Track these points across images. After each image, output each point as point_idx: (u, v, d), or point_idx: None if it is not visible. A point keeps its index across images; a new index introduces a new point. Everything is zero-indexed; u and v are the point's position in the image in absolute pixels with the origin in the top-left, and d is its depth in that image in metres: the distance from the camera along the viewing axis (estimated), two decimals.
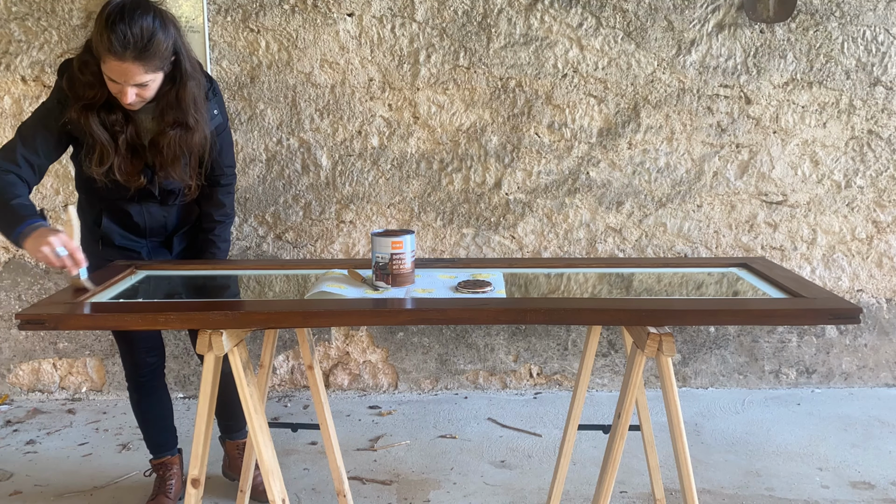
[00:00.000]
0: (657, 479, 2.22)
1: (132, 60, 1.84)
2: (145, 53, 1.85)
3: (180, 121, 2.01)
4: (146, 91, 1.94)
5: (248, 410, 1.74)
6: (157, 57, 1.88)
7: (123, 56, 1.83)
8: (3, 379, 3.33)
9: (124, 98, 1.91)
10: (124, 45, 1.82)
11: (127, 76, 1.87)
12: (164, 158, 2.05)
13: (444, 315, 1.71)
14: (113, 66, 1.85)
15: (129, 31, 1.81)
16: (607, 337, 3.38)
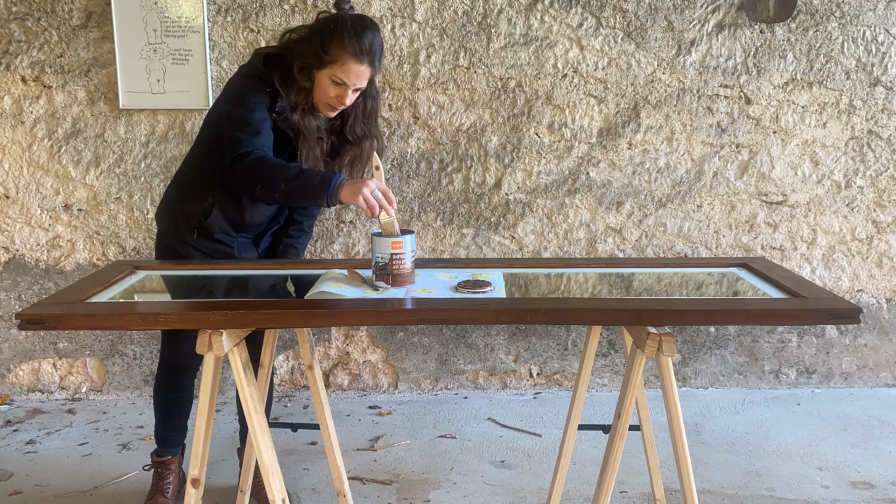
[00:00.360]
0: (657, 479, 2.23)
1: (368, 65, 2.06)
2: (378, 61, 2.09)
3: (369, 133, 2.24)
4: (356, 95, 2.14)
5: (248, 410, 1.74)
6: (380, 66, 2.12)
7: (363, 60, 2.04)
8: (3, 379, 3.34)
9: (345, 100, 2.10)
10: (369, 52, 2.04)
11: (361, 79, 2.07)
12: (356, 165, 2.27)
13: (444, 315, 1.71)
14: (352, 68, 2.04)
15: (374, 40, 2.05)
16: (607, 337, 3.38)
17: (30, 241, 3.22)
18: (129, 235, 3.22)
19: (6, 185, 3.18)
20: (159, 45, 3.05)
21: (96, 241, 3.22)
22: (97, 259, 3.25)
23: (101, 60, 3.09)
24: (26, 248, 3.23)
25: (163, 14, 3.02)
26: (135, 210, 3.20)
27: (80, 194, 3.19)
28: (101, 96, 3.11)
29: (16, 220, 3.21)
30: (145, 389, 3.35)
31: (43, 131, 3.14)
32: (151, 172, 3.18)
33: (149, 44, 3.04)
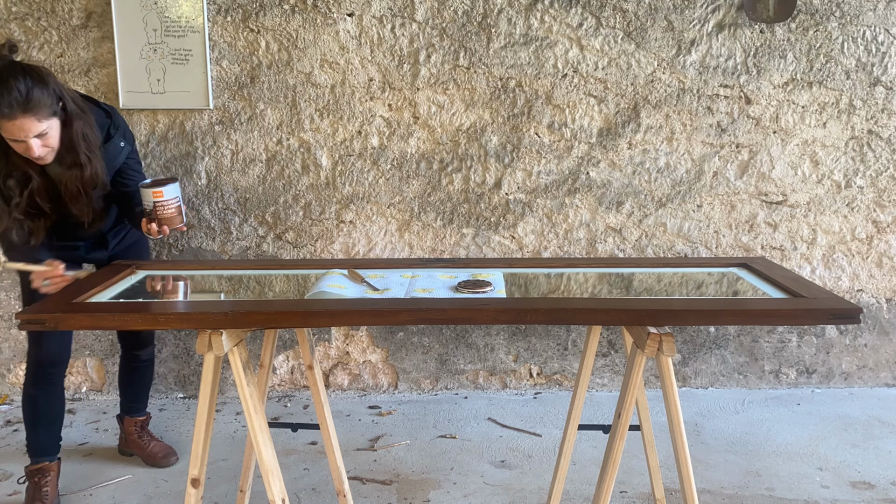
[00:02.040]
0: (657, 479, 2.23)
1: (23, 115, 1.99)
2: (30, 106, 1.99)
3: (75, 162, 2.15)
4: (50, 139, 2.08)
5: (248, 410, 1.74)
6: (43, 106, 2.02)
7: (15, 115, 1.98)
8: (3, 379, 3.33)
9: (32, 152, 2.06)
10: (10, 106, 1.97)
11: (24, 131, 2.01)
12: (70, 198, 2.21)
13: (444, 315, 1.72)
14: (9, 127, 2.00)
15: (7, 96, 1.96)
16: (607, 337, 3.38)
17: None
18: None
19: None
20: (159, 45, 3.05)
21: None
22: None
23: (101, 60, 3.09)
24: None
25: (163, 14, 3.02)
26: None
27: None
28: (101, 96, 3.11)
29: None
30: None
31: None
32: (151, 173, 3.17)
33: (149, 44, 3.04)
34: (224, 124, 3.14)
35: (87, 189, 2.20)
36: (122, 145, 2.32)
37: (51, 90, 2.04)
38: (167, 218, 2.13)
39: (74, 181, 2.16)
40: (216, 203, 3.20)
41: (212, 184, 3.19)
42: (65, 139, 2.12)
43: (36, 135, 2.03)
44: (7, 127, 2.01)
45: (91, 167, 2.17)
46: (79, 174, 2.16)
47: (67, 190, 2.18)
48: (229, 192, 3.19)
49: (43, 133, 2.04)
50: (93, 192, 2.23)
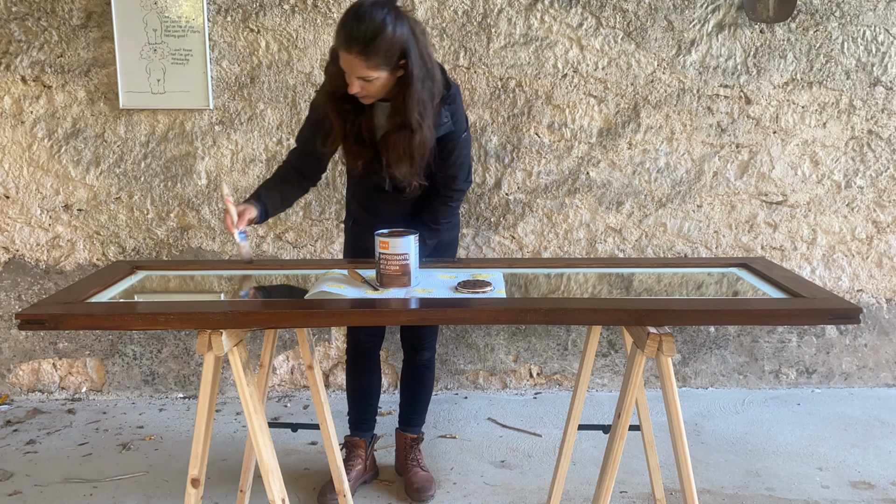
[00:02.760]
0: (657, 479, 2.23)
1: (356, 55, 1.94)
2: (368, 49, 1.93)
3: (405, 122, 2.06)
4: (370, 87, 2.02)
5: (248, 410, 1.74)
6: (379, 54, 1.95)
7: (350, 49, 1.94)
8: (3, 379, 3.33)
9: (351, 88, 2.02)
10: (349, 40, 1.93)
11: (351, 68, 1.98)
12: (390, 157, 2.12)
13: (444, 315, 1.72)
14: (343, 58, 1.98)
15: (356, 28, 1.92)
16: (607, 337, 3.38)
17: (30, 241, 3.22)
18: (129, 235, 3.22)
19: (6, 185, 3.18)
20: (159, 45, 3.05)
21: (96, 241, 3.22)
22: (97, 259, 3.25)
23: (101, 60, 3.09)
24: (26, 248, 3.23)
25: (163, 14, 3.02)
26: (135, 210, 3.20)
27: (80, 194, 3.19)
28: (101, 96, 3.11)
29: (16, 220, 3.21)
30: (145, 389, 3.35)
31: (43, 131, 3.14)
32: (151, 172, 3.18)
33: (149, 44, 3.04)
34: (224, 124, 3.14)
35: (415, 155, 2.10)
36: (444, 120, 2.16)
37: (398, 44, 1.96)
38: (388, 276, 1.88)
39: (403, 142, 2.08)
40: (216, 203, 3.20)
41: (212, 184, 3.19)
42: (401, 99, 2.04)
43: (360, 76, 1.98)
44: (342, 57, 1.99)
45: (422, 134, 2.07)
46: (409, 136, 2.07)
47: (395, 149, 2.10)
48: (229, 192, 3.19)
49: (367, 79, 1.99)
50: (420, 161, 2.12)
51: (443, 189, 2.28)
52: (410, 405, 2.62)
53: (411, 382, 2.59)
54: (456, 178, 2.27)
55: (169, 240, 3.23)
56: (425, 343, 2.53)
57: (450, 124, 2.17)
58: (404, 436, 2.62)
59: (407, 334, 2.56)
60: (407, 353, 2.58)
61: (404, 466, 2.60)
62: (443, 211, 2.31)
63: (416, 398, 2.61)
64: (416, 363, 2.56)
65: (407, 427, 2.62)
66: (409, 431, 2.62)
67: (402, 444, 2.62)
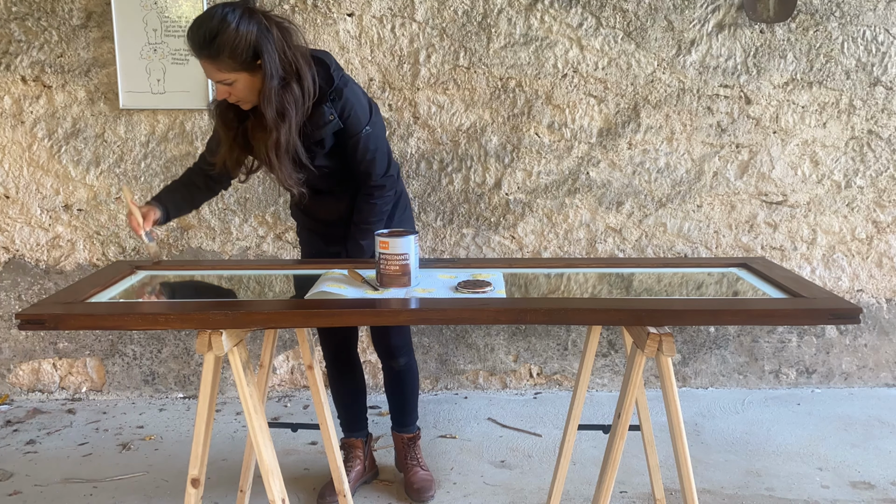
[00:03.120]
0: (657, 479, 2.23)
1: (204, 59, 1.95)
2: (210, 51, 1.92)
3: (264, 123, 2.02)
4: (235, 90, 1.99)
5: (248, 410, 1.74)
6: (223, 54, 1.92)
7: (199, 55, 1.95)
8: (3, 379, 3.33)
9: (218, 94, 2.02)
10: (193, 45, 1.94)
11: (207, 73, 1.99)
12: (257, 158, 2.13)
13: (444, 315, 1.71)
14: (200, 65, 1.99)
15: (196, 32, 1.93)
16: (607, 337, 3.38)
17: (30, 241, 3.22)
18: (129, 235, 3.22)
19: (6, 185, 3.18)
20: (159, 45, 3.05)
21: (96, 241, 3.22)
22: (97, 259, 3.25)
23: (101, 60, 3.09)
24: (26, 248, 3.23)
25: (163, 14, 3.02)
26: None
27: (80, 194, 3.19)
28: (101, 96, 3.11)
29: (16, 220, 3.21)
30: (145, 389, 3.35)
31: (43, 131, 3.14)
32: (151, 172, 3.18)
33: (149, 44, 3.04)
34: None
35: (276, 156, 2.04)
36: (329, 117, 2.09)
37: (246, 41, 1.91)
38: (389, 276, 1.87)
39: (260, 143, 2.04)
40: (216, 203, 3.20)
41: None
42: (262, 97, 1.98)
43: (217, 80, 1.96)
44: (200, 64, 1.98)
45: (278, 134, 2.00)
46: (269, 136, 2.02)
47: (258, 151, 2.08)
48: (229, 192, 3.19)
49: (225, 81, 1.96)
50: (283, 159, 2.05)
51: (363, 187, 2.24)
52: (398, 408, 2.61)
53: (394, 389, 2.58)
54: (370, 174, 2.20)
55: (169, 240, 3.23)
56: (397, 351, 2.50)
57: (337, 122, 2.10)
58: (400, 436, 2.62)
59: (380, 345, 2.52)
60: (383, 360, 2.56)
61: (404, 466, 2.60)
62: (368, 209, 2.25)
63: (401, 402, 2.60)
64: (393, 370, 2.54)
65: (400, 428, 2.62)
66: (403, 432, 2.62)
67: (400, 444, 2.62)
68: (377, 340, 2.52)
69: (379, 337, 2.50)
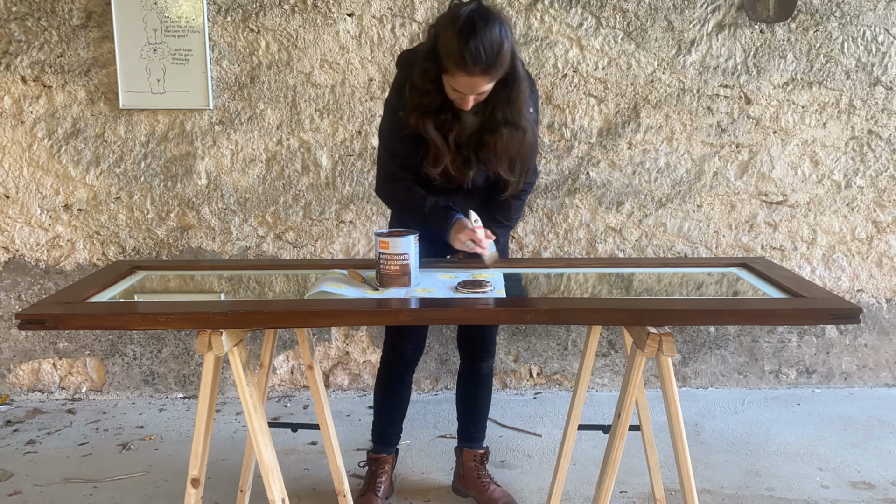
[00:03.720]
0: (657, 479, 2.22)
1: (480, 74, 1.85)
2: (492, 67, 1.85)
3: (511, 121, 1.99)
4: (483, 96, 1.95)
5: (248, 410, 1.74)
6: (501, 68, 1.88)
7: (473, 71, 1.83)
8: (3, 379, 3.33)
9: (465, 105, 1.95)
10: (475, 61, 1.82)
11: (473, 88, 1.89)
12: (494, 155, 2.04)
13: (444, 315, 1.71)
14: (461, 80, 1.87)
15: (481, 48, 1.81)
16: (607, 337, 3.38)
17: (30, 241, 3.22)
18: (129, 235, 3.22)
19: (6, 185, 3.18)
20: (159, 45, 3.05)
21: (96, 241, 3.22)
22: (97, 259, 3.25)
23: (101, 60, 3.09)
24: (26, 248, 3.23)
25: (163, 14, 3.02)
26: (135, 210, 3.20)
27: (80, 194, 3.19)
28: (101, 96, 3.11)
29: (16, 220, 3.21)
30: (145, 389, 3.35)
31: (43, 131, 3.14)
32: (151, 172, 3.18)
33: (149, 44, 3.04)
34: (224, 124, 3.14)
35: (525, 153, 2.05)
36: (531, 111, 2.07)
37: (511, 52, 1.88)
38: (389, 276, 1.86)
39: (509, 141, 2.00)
40: (216, 203, 3.20)
41: (212, 184, 3.19)
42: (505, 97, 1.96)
43: (478, 93, 1.91)
44: (461, 80, 1.87)
45: (530, 132, 2.01)
46: (514, 134, 1.99)
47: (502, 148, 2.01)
48: (229, 192, 3.19)
49: (484, 91, 1.91)
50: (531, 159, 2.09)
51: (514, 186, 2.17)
52: (472, 419, 2.45)
53: (473, 394, 2.43)
54: (528, 171, 2.18)
55: (169, 240, 3.23)
56: (489, 350, 2.38)
57: (535, 115, 2.11)
58: (472, 453, 2.46)
59: (468, 341, 2.39)
60: (466, 361, 2.41)
61: (477, 485, 2.43)
62: (516, 206, 2.25)
63: (478, 410, 2.45)
64: (477, 372, 2.40)
65: (472, 443, 2.47)
66: (475, 448, 2.47)
67: (471, 461, 2.45)
68: (468, 336, 2.39)
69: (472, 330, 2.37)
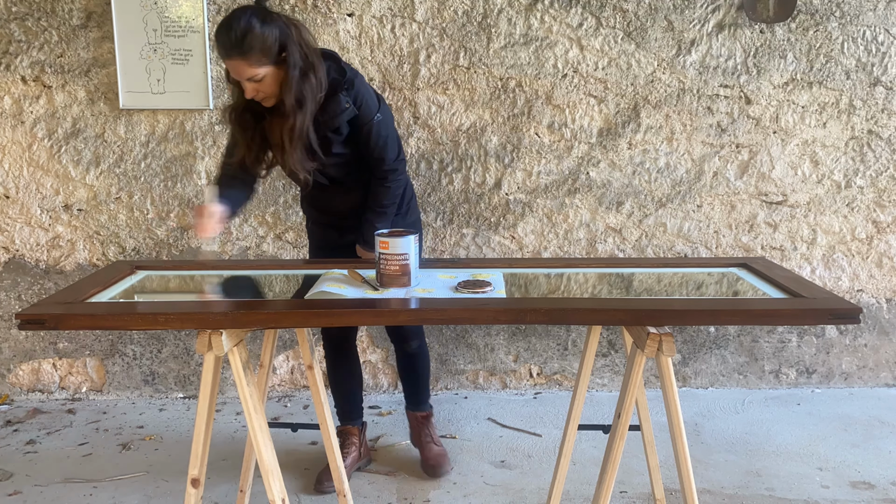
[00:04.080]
0: (657, 479, 2.23)
1: (235, 57, 2.05)
2: (241, 47, 2.03)
3: (282, 110, 2.13)
4: (262, 86, 2.11)
5: (248, 410, 1.74)
6: (254, 50, 2.04)
7: (230, 55, 2.05)
8: (3, 379, 3.33)
9: (246, 93, 2.12)
10: (225, 47, 2.05)
11: (238, 73, 2.08)
12: (272, 145, 2.22)
13: (444, 315, 1.72)
14: (228, 66, 2.10)
15: (226, 35, 2.04)
16: (607, 337, 3.38)
17: (30, 241, 3.22)
18: (129, 235, 3.22)
19: (6, 185, 3.18)
20: (159, 45, 3.05)
21: (96, 241, 3.22)
22: (97, 259, 3.25)
23: (101, 60, 3.09)
24: (26, 248, 3.23)
25: (163, 14, 3.02)
26: (135, 210, 3.20)
27: (80, 194, 3.19)
28: (101, 96, 3.11)
29: (16, 220, 3.21)
30: (145, 389, 3.35)
31: (43, 131, 3.14)
32: (151, 172, 3.18)
33: (149, 44, 3.04)
34: (224, 124, 3.14)
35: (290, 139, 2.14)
36: (346, 105, 2.21)
37: (273, 37, 2.05)
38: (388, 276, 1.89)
39: (279, 128, 2.15)
40: None
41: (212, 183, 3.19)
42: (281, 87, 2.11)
43: (248, 78, 2.07)
44: (228, 66, 2.09)
45: (295, 118, 2.12)
46: (287, 123, 2.13)
47: (273, 136, 2.18)
48: None
49: (255, 77, 2.07)
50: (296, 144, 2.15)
51: (376, 172, 2.36)
52: (412, 389, 2.75)
53: (407, 371, 2.73)
54: (383, 159, 2.34)
55: (169, 240, 3.23)
56: (409, 334, 2.64)
57: (352, 109, 2.23)
58: (414, 415, 2.75)
59: (393, 330, 2.68)
60: (396, 344, 2.70)
61: (419, 443, 2.73)
62: (382, 192, 2.38)
63: (416, 382, 2.74)
64: (406, 353, 2.68)
65: (415, 407, 2.75)
66: (417, 410, 2.75)
67: (414, 422, 2.75)
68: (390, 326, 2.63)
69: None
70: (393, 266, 1.87)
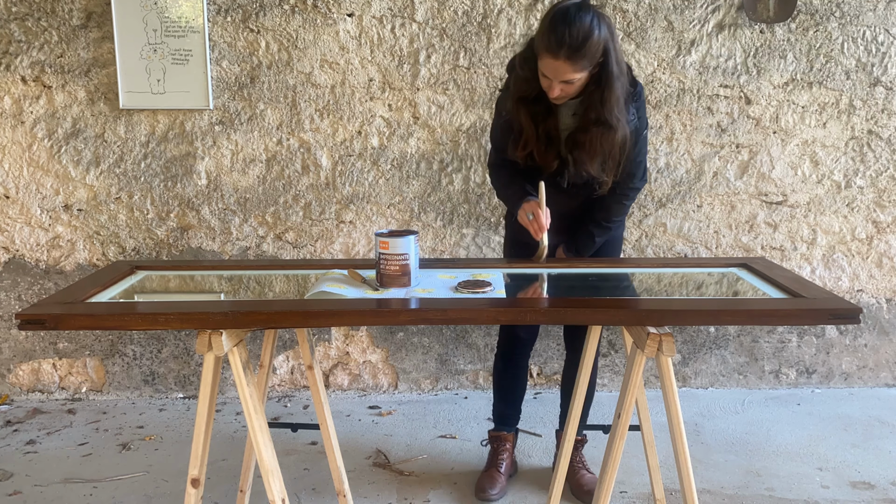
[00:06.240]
0: (657, 479, 2.23)
1: (564, 59, 1.95)
2: (577, 54, 1.95)
3: (602, 119, 2.06)
4: (570, 88, 2.03)
5: (248, 410, 1.74)
6: (586, 58, 1.96)
7: (557, 55, 1.95)
8: (3, 379, 3.33)
9: (551, 92, 2.04)
10: (559, 45, 1.93)
11: (557, 73, 1.99)
12: (585, 153, 2.12)
13: (444, 315, 1.72)
14: (547, 62, 1.98)
15: (567, 32, 1.92)
16: (607, 337, 3.38)
17: (30, 241, 3.22)
18: (129, 235, 3.22)
19: (6, 185, 3.18)
20: (159, 45, 3.05)
21: (96, 241, 3.22)
22: (97, 259, 3.25)
23: (101, 60, 3.09)
24: (26, 248, 3.23)
25: (163, 14, 3.02)
26: (135, 210, 3.20)
27: (80, 194, 3.19)
28: (101, 96, 3.11)
29: (16, 220, 3.21)
30: (145, 389, 3.35)
31: (43, 131, 3.14)
32: (151, 172, 3.18)
33: (149, 44, 3.04)
34: (224, 124, 3.14)
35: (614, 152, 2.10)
36: (631, 117, 2.14)
37: (601, 45, 1.97)
38: (389, 276, 1.89)
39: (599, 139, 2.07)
40: (216, 203, 3.20)
41: (212, 184, 3.19)
42: (598, 96, 2.04)
43: (565, 80, 2.00)
44: (546, 63, 1.99)
45: (622, 131, 2.07)
46: (605, 133, 2.07)
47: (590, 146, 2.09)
48: (229, 192, 3.19)
49: (570, 81, 2.00)
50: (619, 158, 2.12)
51: (619, 187, 2.24)
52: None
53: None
54: (634, 175, 2.24)
55: (169, 240, 3.23)
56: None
57: (636, 121, 2.16)
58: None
59: (570, 331, 2.53)
60: (570, 351, 2.55)
61: (570, 469, 2.55)
62: (616, 209, 2.30)
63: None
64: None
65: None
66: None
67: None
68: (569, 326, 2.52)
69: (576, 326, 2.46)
70: (393, 266, 1.87)
